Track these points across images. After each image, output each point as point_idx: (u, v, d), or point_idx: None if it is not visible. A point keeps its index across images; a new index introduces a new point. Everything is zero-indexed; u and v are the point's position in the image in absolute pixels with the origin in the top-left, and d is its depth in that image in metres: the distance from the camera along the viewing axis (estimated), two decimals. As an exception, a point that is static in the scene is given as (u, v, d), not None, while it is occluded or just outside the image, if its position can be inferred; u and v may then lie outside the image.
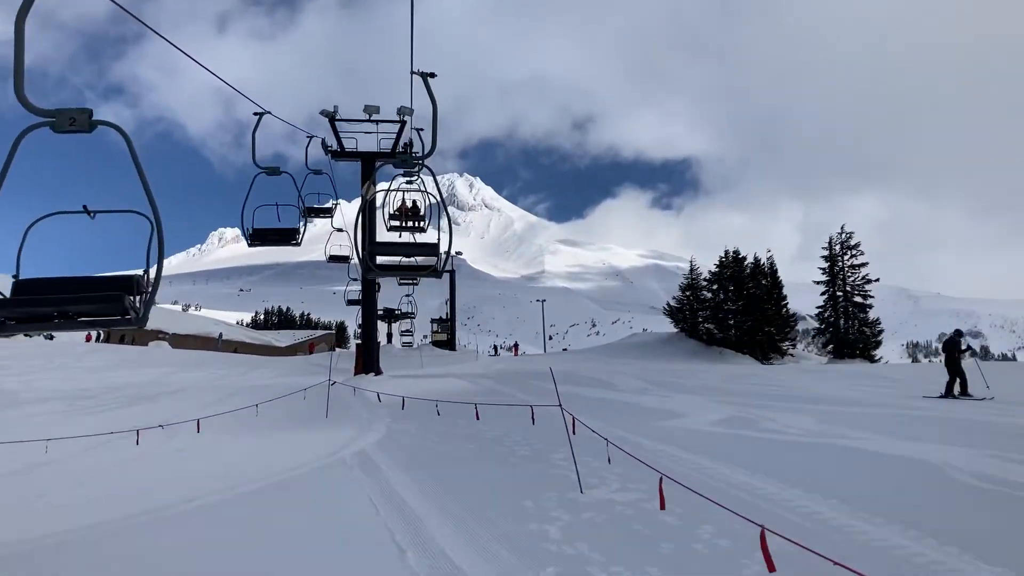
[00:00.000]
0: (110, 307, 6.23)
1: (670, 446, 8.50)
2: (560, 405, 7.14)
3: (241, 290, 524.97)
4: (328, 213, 24.31)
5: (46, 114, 5.73)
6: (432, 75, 13.26)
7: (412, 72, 13.62)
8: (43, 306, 6.14)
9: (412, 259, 14.46)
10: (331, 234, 36.68)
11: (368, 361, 20.35)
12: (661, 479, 5.15)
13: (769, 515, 5.72)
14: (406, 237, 20.78)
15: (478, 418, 9.50)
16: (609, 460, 6.81)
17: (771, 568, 3.30)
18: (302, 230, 19.30)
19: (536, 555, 4.86)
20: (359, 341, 21.05)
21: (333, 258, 35.55)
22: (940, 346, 15.55)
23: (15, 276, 6.76)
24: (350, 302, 39.92)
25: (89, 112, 5.79)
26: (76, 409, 15.71)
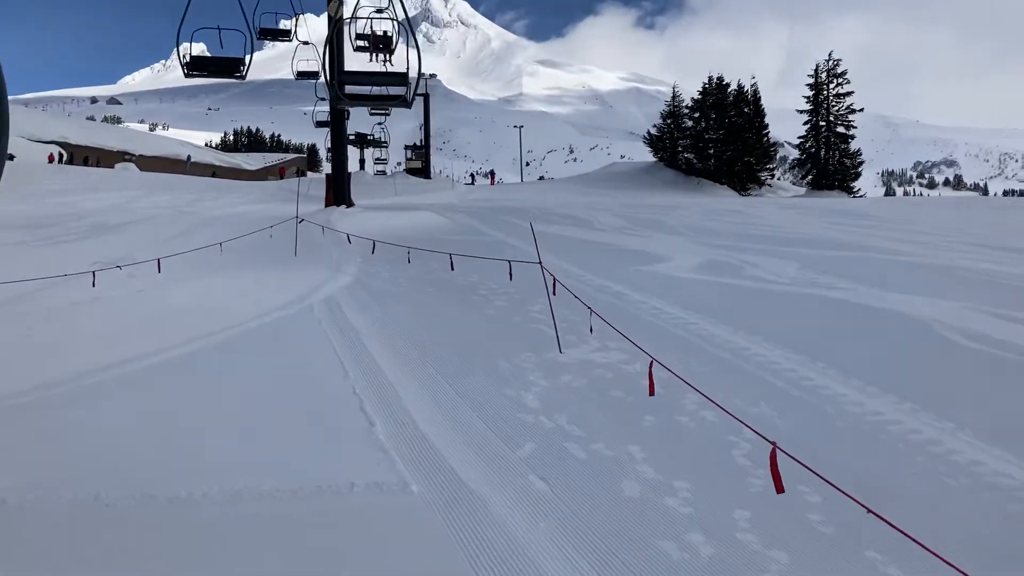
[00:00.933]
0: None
1: (652, 297, 8.20)
2: (540, 263, 6.71)
3: (209, 109, 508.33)
4: (286, 36, 22.61)
5: None
6: None
7: None
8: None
9: (382, 88, 13.73)
10: (297, 47, 34.59)
11: (338, 193, 19.66)
12: (652, 364, 4.81)
13: (756, 380, 5.50)
14: (375, 64, 19.65)
15: (453, 268, 9.07)
16: (591, 330, 6.48)
17: (780, 490, 2.99)
18: (247, 60, 17.00)
19: (514, 429, 4.60)
20: (328, 172, 20.19)
21: (301, 74, 33.57)
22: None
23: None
24: (319, 123, 38.60)
25: None
26: (37, 239, 15.11)
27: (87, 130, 65.91)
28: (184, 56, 16.24)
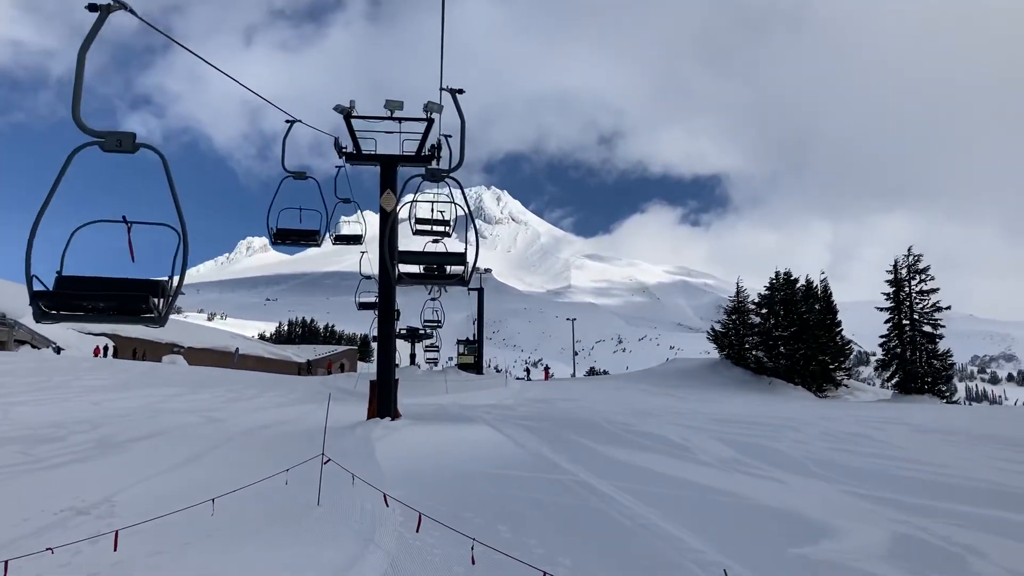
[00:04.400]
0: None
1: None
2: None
3: (267, 300, 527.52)
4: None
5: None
6: (460, 91, 13.61)
7: (441, 89, 13.84)
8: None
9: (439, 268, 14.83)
10: (360, 282, 36.19)
11: (383, 402, 17.02)
12: None
13: None
14: (431, 247, 21.33)
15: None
16: None
17: None
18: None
19: None
20: (373, 378, 17.77)
21: (363, 305, 36.19)
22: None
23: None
24: (362, 305, 37.57)
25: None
26: (27, 460, 12.53)
27: (139, 322, 65.93)
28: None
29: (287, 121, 17.55)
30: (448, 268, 15.69)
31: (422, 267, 15.75)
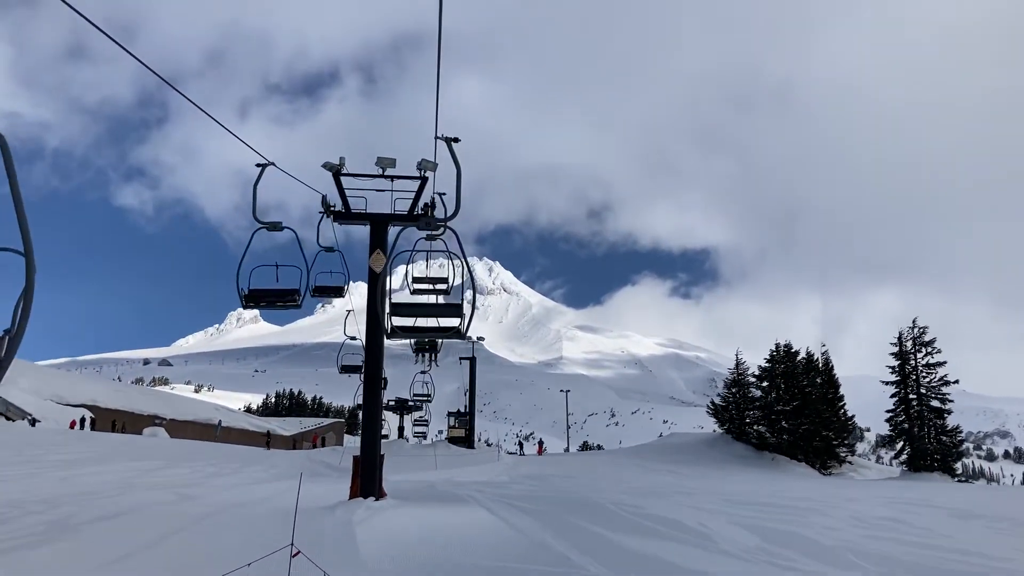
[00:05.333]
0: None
1: None
2: None
3: (256, 371, 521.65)
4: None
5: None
6: (456, 140, 13.49)
7: (436, 137, 13.53)
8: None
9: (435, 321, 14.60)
10: (343, 343, 34.29)
11: (367, 480, 15.60)
12: None
13: None
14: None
15: None
16: None
17: None
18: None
19: None
20: (356, 454, 16.39)
21: (345, 368, 34.28)
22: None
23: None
24: (345, 368, 36.00)
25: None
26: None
27: (119, 393, 64.05)
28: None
29: (258, 165, 16.12)
30: (443, 321, 15.07)
31: (415, 320, 15.07)
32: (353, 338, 31.80)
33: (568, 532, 11.69)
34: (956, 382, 41.32)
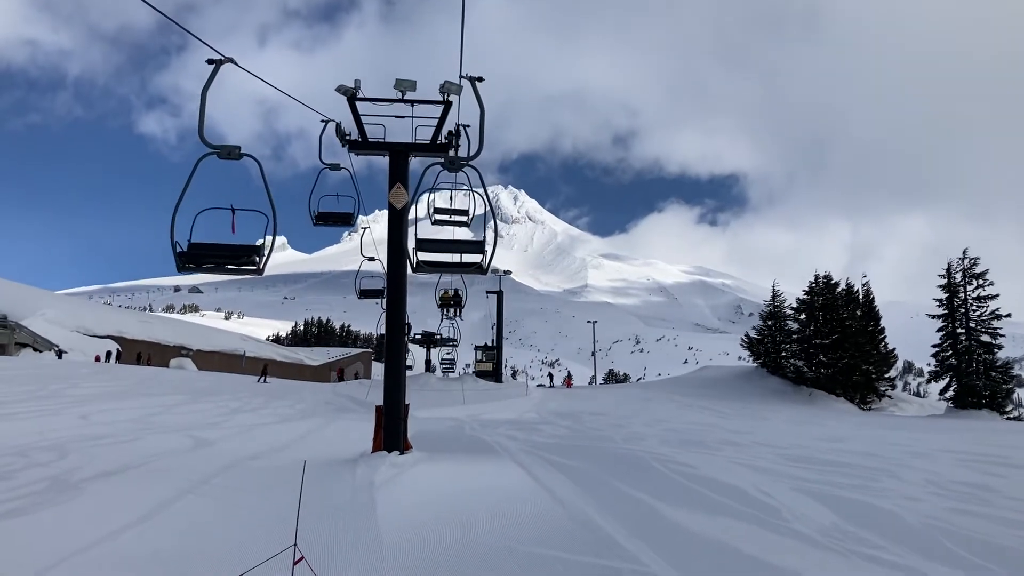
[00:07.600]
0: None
1: None
2: None
3: (285, 298, 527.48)
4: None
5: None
6: (480, 79, 13.70)
7: (461, 77, 13.80)
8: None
9: (456, 256, 14.88)
10: (361, 263, 33.08)
11: (391, 434, 14.40)
12: None
13: None
14: (448, 235, 19.84)
15: None
16: None
17: None
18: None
19: None
20: (379, 403, 15.15)
21: (364, 293, 33.53)
22: None
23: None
24: (363, 293, 34.87)
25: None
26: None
27: (145, 324, 63.80)
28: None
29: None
30: (465, 257, 15.17)
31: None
32: (371, 258, 30.64)
33: (614, 504, 10.38)
34: (1009, 315, 39.08)
